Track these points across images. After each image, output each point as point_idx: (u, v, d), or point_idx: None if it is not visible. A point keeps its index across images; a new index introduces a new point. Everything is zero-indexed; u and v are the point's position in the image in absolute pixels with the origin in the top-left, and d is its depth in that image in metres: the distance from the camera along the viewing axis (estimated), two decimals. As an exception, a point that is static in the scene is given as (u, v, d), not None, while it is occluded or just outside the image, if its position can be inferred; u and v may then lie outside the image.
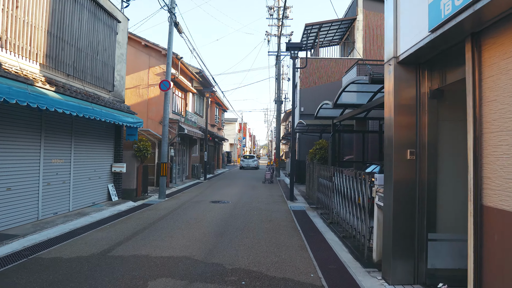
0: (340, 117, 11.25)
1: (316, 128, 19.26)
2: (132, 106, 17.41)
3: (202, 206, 11.16)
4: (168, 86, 12.91)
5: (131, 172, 12.72)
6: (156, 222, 8.54)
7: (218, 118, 33.94)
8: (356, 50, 21.70)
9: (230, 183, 20.30)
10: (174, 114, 18.75)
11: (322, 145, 12.69)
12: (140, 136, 14.08)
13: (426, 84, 4.72)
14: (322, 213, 10.19)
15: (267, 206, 11.56)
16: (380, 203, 5.39)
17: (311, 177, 13.61)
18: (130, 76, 17.68)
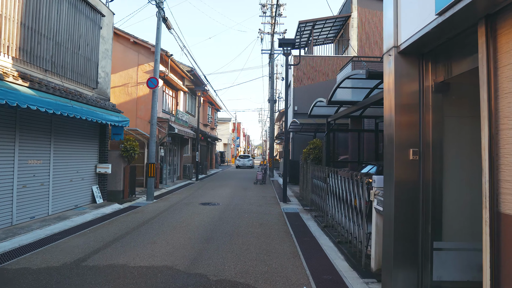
0: (335, 116, 10.80)
1: (310, 127, 18.83)
2: (121, 104, 16.88)
3: (190, 209, 10.66)
4: (156, 83, 12.40)
5: (118, 173, 12.19)
6: (140, 226, 8.03)
7: (211, 118, 33.41)
8: (350, 47, 21.30)
9: (222, 184, 19.80)
10: (164, 113, 18.22)
11: (316, 144, 12.24)
12: (128, 136, 13.54)
13: (430, 77, 4.27)
14: (317, 215, 9.74)
15: (259, 208, 11.09)
16: (379, 207, 4.94)
17: (304, 178, 13.17)
18: (119, 74, 17.15)
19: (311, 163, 11.69)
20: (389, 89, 4.43)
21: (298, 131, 20.09)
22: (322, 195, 9.23)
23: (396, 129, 4.24)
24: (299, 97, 21.21)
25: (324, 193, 8.91)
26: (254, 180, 20.45)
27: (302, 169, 13.89)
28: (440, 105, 4.26)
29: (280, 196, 14.10)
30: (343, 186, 6.90)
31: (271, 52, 26.39)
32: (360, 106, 8.20)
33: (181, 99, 21.80)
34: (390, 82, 4.40)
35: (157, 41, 12.80)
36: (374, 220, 5.19)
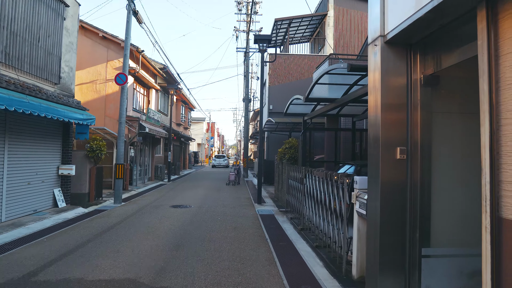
0: (312, 114, 10.48)
1: (285, 126, 18.51)
2: (88, 102, 16.05)
3: (160, 212, 10.09)
4: (125, 80, 11.74)
5: (83, 175, 11.45)
6: (104, 233, 7.42)
7: (185, 117, 32.66)
8: (327, 46, 21.13)
9: (196, 184, 19.21)
10: (135, 111, 17.48)
11: (292, 144, 11.89)
12: (95, 135, 12.79)
13: (419, 69, 3.94)
14: (293, 217, 9.38)
15: (233, 210, 10.63)
16: (362, 210, 4.58)
17: (280, 178, 12.80)
18: (86, 70, 16.30)
19: (286, 163, 11.34)
20: (374, 82, 4.08)
21: (273, 130, 19.75)
22: (298, 197, 8.86)
23: (383, 125, 3.88)
24: (274, 96, 20.87)
25: (300, 195, 8.55)
26: (227, 181, 19.75)
27: (277, 169, 13.52)
28: (429, 100, 3.94)
29: (254, 198, 13.68)
30: (321, 187, 6.54)
31: (246, 51, 25.96)
32: (338, 103, 7.88)
33: (153, 98, 21.06)
34: (375, 74, 4.04)
35: (127, 35, 12.13)
36: (356, 224, 4.84)
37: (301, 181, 8.43)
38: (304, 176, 7.98)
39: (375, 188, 3.97)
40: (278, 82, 21.09)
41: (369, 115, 4.18)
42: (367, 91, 5.80)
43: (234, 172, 19.37)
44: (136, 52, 16.31)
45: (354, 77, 7.14)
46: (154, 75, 20.84)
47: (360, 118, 11.03)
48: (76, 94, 16.16)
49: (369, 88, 4.22)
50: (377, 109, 3.98)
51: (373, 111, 4.08)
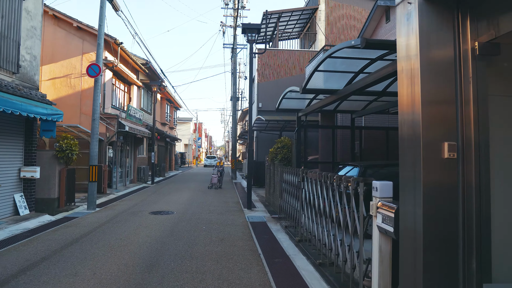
0: (307, 109, 9.43)
1: (276, 125, 17.48)
2: (62, 98, 14.76)
3: (138, 220, 8.91)
4: (98, 71, 10.53)
5: (51, 178, 10.20)
6: (66, 248, 6.24)
7: (170, 116, 31.39)
8: (318, 41, 20.15)
9: (180, 187, 18.01)
10: (114, 108, 16.22)
11: (285, 143, 10.81)
12: (67, 133, 11.55)
13: (470, 36, 2.90)
14: (288, 226, 8.30)
15: (220, 217, 9.51)
16: (387, 226, 3.52)
17: (271, 181, 11.73)
18: (60, 64, 15.00)
19: (279, 164, 10.26)
20: (408, 56, 3.02)
21: (263, 129, 18.68)
22: (294, 203, 7.79)
23: (424, 113, 2.83)
24: (263, 93, 19.80)
25: (296, 201, 7.49)
26: (209, 184, 17.87)
27: (269, 171, 12.45)
28: (486, 79, 2.90)
29: (244, 202, 12.58)
30: (324, 193, 5.48)
31: (233, 46, 24.85)
32: (341, 95, 6.84)
33: (135, 95, 19.80)
34: (410, 44, 2.98)
35: (101, 22, 10.90)
36: (378, 243, 3.77)
37: (297, 185, 7.37)
38: (302, 180, 6.91)
39: (413, 198, 2.92)
40: (267, 79, 20.03)
41: (401, 99, 3.12)
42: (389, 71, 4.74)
43: (217, 174, 17.53)
44: (114, 44, 15.07)
45: (359, 63, 6.11)
46: (135, 71, 19.59)
47: (360, 115, 10.02)
48: (48, 89, 14.87)
49: (400, 65, 3.16)
50: (413, 91, 2.92)
51: (407, 94, 3.02)
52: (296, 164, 9.70)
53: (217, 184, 17.35)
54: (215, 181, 17.31)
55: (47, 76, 14.92)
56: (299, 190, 7.13)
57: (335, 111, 10.09)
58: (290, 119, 15.63)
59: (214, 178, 17.36)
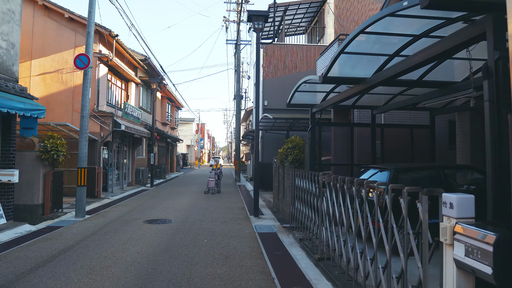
0: (323, 104, 8.28)
1: (283, 124, 16.34)
2: (53, 95, 13.72)
3: (130, 230, 7.78)
4: (87, 62, 9.43)
5: (34, 182, 9.10)
6: (36, 270, 5.10)
7: (171, 116, 30.28)
8: (327, 35, 19.00)
9: (181, 190, 16.87)
10: (109, 106, 15.11)
11: (296, 143, 9.66)
12: (57, 133, 10.44)
13: None
14: (302, 238, 7.14)
15: (223, 227, 8.37)
16: (477, 263, 2.37)
17: (280, 185, 10.58)
18: (51, 58, 13.91)
19: (290, 167, 9.12)
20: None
21: (269, 129, 17.52)
22: (309, 213, 6.65)
23: None
24: (269, 90, 18.64)
25: (313, 211, 6.35)
26: (205, 189, 15.96)
27: (277, 174, 11.30)
28: None
29: (249, 207, 11.45)
30: (356, 206, 4.33)
31: (237, 42, 23.72)
32: (370, 84, 5.68)
33: (133, 92, 18.69)
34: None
35: (90, 9, 9.80)
36: (455, 281, 2.62)
37: (315, 193, 6.22)
38: (322, 186, 5.77)
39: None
40: (273, 76, 18.88)
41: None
42: (436, 52, 3.61)
43: (214, 178, 15.65)
44: (109, 36, 13.96)
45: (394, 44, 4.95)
46: (134, 67, 18.49)
47: (381, 111, 8.86)
48: (38, 85, 13.80)
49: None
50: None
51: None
52: (309, 167, 8.55)
53: (215, 188, 15.55)
54: (212, 185, 15.50)
55: (37, 71, 13.84)
56: (318, 199, 5.98)
57: (353, 107, 8.94)
58: (299, 117, 14.50)
59: (211, 181, 15.55)
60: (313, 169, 8.56)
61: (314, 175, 6.40)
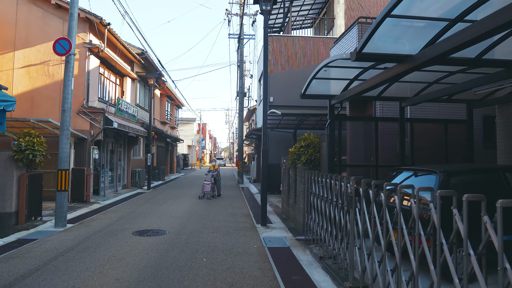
0: (344, 94, 6.98)
1: (291, 121, 15.04)
2: (39, 89, 12.48)
3: (114, 245, 6.48)
4: (68, 47, 8.17)
5: (6, 186, 7.84)
6: (-23, 308, 3.81)
7: (171, 115, 28.98)
8: (336, 27, 17.68)
9: (180, 193, 15.56)
10: (101, 102, 13.82)
11: (310, 141, 8.36)
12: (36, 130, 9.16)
13: None
14: (323, 256, 5.82)
15: (226, 239, 7.06)
16: None
17: (291, 189, 9.28)
18: (36, 49, 12.65)
19: (303, 169, 7.81)
20: None
21: (275, 127, 16.21)
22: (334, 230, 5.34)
23: None
24: (274, 86, 17.29)
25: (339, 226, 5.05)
26: (200, 193, 14.08)
27: (287, 177, 10.00)
28: None
29: (255, 214, 10.15)
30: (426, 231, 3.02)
31: (240, 36, 22.42)
32: (417, 62, 4.35)
33: (129, 88, 17.39)
34: None
35: (73, -13, 8.53)
36: None
37: (343, 203, 4.91)
38: (354, 195, 4.47)
39: None
40: (278, 70, 17.55)
41: None
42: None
43: (209, 181, 13.88)
44: (100, 25, 12.67)
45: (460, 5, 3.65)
46: (130, 61, 17.21)
47: (412, 103, 7.53)
48: (22, 78, 12.53)
49: None
50: None
51: None
52: (328, 168, 7.24)
53: (211, 192, 13.80)
54: (207, 189, 13.71)
55: (21, 63, 12.58)
56: (346, 211, 4.67)
57: (379, 98, 7.63)
58: (310, 112, 13.21)
59: (206, 185, 13.75)
60: (332, 171, 7.26)
61: (340, 180, 5.09)
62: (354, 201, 4.54)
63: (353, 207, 4.53)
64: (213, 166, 14.50)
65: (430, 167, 5.10)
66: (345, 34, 9.95)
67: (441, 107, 9.16)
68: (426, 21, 4.07)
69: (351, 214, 4.58)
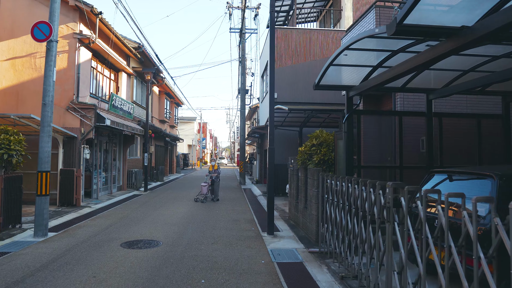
0: (365, 84, 6.00)
1: (296, 119, 14.10)
2: (25, 83, 11.53)
3: (98, 261, 5.51)
4: (48, 33, 7.22)
5: (-22, 190, 6.88)
6: None
7: (170, 113, 27.99)
8: (344, 19, 16.69)
9: (179, 195, 14.59)
10: (93, 97, 12.85)
11: (323, 138, 7.40)
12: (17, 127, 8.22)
13: None
14: (345, 276, 4.84)
15: (229, 253, 6.08)
16: None
17: (300, 192, 8.32)
18: (22, 40, 11.68)
19: (316, 171, 6.85)
20: None
21: (279, 124, 15.22)
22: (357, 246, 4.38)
23: None
24: (279, 81, 16.29)
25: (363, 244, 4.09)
26: (196, 196, 13.23)
27: (295, 178, 9.04)
28: None
29: (260, 219, 9.19)
30: None
31: (241, 31, 21.44)
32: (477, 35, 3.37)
33: (124, 84, 16.41)
34: None
35: (55, -35, 7.56)
36: None
37: (378, 217, 3.94)
38: (394, 205, 3.51)
39: None
40: (282, 64, 16.56)
41: None
42: None
43: (206, 183, 12.89)
44: (91, 13, 11.69)
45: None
46: (125, 55, 16.24)
47: (441, 95, 6.54)
48: (6, 72, 11.54)
49: None
50: None
51: None
52: (346, 170, 6.27)
53: (206, 195, 12.75)
54: (204, 191, 12.69)
55: (5, 55, 11.62)
56: (378, 227, 3.71)
57: (403, 90, 6.64)
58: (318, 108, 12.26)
59: (204, 187, 12.75)
60: (351, 173, 6.29)
61: (369, 185, 4.13)
62: (392, 213, 3.57)
63: (391, 221, 3.56)
64: (213, 166, 13.48)
65: (482, 170, 4.11)
66: (359, 21, 8.96)
67: (468, 100, 8.19)
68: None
69: (388, 230, 3.61)
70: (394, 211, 3.58)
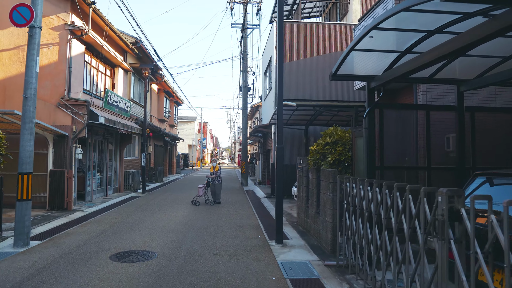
0: (389, 74, 5.20)
1: (303, 116, 13.30)
2: (12, 78, 10.76)
3: (82, 278, 4.71)
4: (29, 17, 6.42)
5: (-50, 195, 6.08)
6: None
7: (170, 112, 27.20)
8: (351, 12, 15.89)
9: (178, 198, 13.80)
10: (86, 94, 12.06)
11: (338, 136, 6.60)
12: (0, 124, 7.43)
13: None
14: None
15: (233, 266, 5.28)
16: None
17: (311, 196, 7.52)
18: (9, 31, 10.92)
19: (331, 172, 6.05)
20: None
21: (284, 123, 14.37)
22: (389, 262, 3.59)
23: None
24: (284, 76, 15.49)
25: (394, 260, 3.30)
26: (193, 198, 12.51)
27: (305, 180, 8.25)
28: None
29: (266, 225, 8.40)
30: None
31: (244, 26, 20.64)
32: None
33: (121, 80, 15.61)
34: None
35: None
36: None
37: (434, 230, 3.16)
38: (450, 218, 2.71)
39: None
40: (288, 59, 15.76)
41: None
42: None
43: (202, 186, 12.24)
44: (83, 3, 10.90)
45: None
46: (122, 51, 15.46)
47: (474, 86, 5.74)
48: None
49: None
50: None
51: None
52: (367, 173, 5.47)
53: (205, 197, 12.18)
54: (201, 193, 12.04)
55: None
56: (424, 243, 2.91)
57: (430, 80, 5.84)
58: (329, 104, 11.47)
59: (200, 189, 12.11)
60: (372, 175, 5.49)
61: (410, 191, 3.33)
62: (447, 229, 2.77)
63: (446, 238, 2.76)
64: (214, 167, 12.66)
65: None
66: (375, 7, 8.13)
67: (497, 92, 7.39)
68: None
69: (441, 251, 2.80)
70: (447, 225, 2.78)
